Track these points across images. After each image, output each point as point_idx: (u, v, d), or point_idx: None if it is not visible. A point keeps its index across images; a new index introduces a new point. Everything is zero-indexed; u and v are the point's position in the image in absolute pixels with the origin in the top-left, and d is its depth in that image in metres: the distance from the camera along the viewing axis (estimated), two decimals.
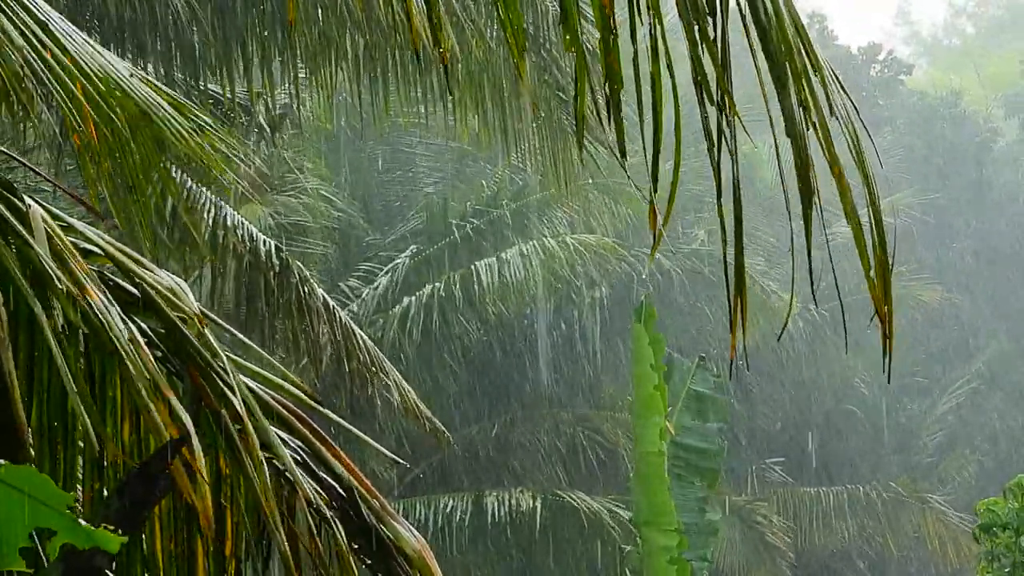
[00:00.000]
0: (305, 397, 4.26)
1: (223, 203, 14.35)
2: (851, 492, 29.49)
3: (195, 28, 13.08)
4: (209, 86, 14.28)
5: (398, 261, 23.22)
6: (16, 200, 3.86)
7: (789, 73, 3.15)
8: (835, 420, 33.78)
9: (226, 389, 3.89)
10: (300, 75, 13.86)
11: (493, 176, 25.50)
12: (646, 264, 26.79)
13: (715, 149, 3.05)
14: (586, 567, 22.52)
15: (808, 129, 3.17)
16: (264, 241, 14.24)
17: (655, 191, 3.10)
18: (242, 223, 14.32)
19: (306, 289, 14.19)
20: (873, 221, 3.21)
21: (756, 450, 31.10)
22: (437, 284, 22.24)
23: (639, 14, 3.03)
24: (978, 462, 34.86)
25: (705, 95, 3.08)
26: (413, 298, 22.17)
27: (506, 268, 21.89)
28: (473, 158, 26.00)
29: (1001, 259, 40.46)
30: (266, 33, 13.09)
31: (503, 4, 3.35)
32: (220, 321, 4.25)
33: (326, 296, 14.73)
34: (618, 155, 3.16)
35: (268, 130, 16.88)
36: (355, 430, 4.53)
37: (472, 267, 22.16)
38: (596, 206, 24.21)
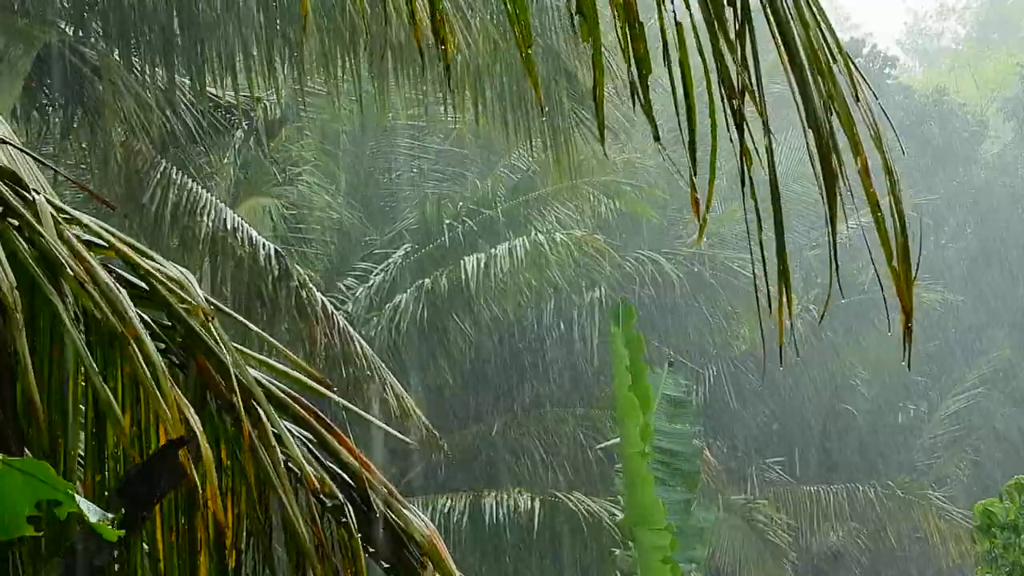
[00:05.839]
0: (314, 384, 4.22)
1: (224, 206, 14.31)
2: (850, 491, 29.49)
3: (198, 25, 13.02)
4: (209, 90, 14.23)
5: (392, 259, 23.15)
6: (23, 191, 3.84)
7: (814, 63, 3.10)
8: (834, 420, 33.77)
9: (234, 377, 3.85)
10: (299, 73, 13.80)
11: (488, 175, 25.45)
12: (646, 265, 26.74)
13: (740, 137, 3.00)
14: (584, 569, 22.46)
15: (832, 116, 3.13)
16: (264, 245, 14.19)
17: (695, 174, 3.06)
18: (242, 226, 14.27)
19: (305, 294, 14.14)
20: (895, 210, 3.17)
21: (756, 450, 31.09)
22: (428, 281, 22.15)
23: (663, 2, 2.99)
24: (976, 463, 34.82)
25: (724, 86, 3.03)
26: (406, 295, 22.08)
27: (495, 264, 21.79)
28: (469, 157, 25.95)
29: (1001, 259, 40.43)
30: (264, 23, 13.01)
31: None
32: (227, 309, 4.21)
33: (325, 300, 14.68)
34: (653, 140, 3.10)
35: (265, 131, 16.83)
36: (364, 413, 4.49)
37: (461, 262, 22.06)
38: (594, 204, 24.15)
